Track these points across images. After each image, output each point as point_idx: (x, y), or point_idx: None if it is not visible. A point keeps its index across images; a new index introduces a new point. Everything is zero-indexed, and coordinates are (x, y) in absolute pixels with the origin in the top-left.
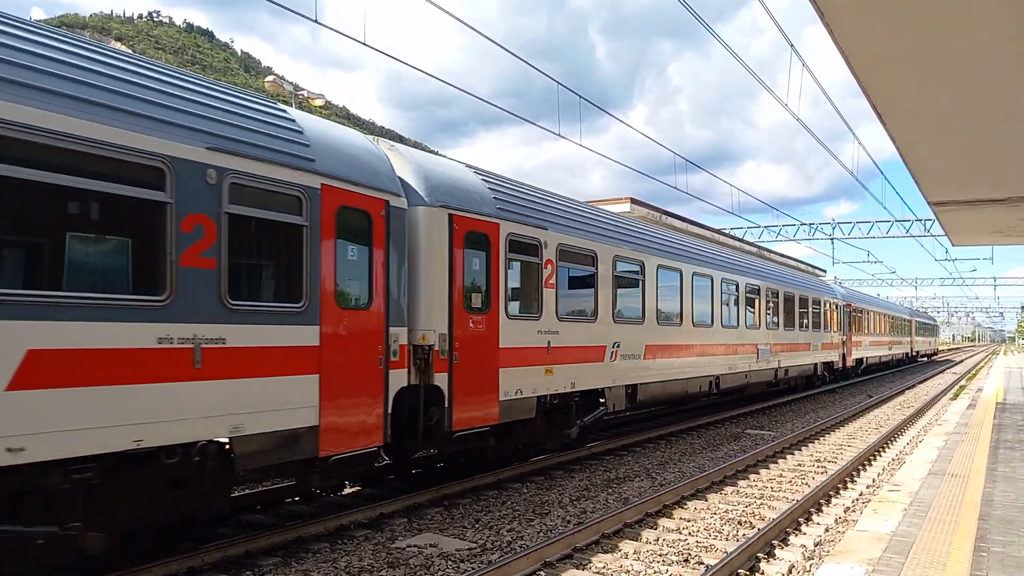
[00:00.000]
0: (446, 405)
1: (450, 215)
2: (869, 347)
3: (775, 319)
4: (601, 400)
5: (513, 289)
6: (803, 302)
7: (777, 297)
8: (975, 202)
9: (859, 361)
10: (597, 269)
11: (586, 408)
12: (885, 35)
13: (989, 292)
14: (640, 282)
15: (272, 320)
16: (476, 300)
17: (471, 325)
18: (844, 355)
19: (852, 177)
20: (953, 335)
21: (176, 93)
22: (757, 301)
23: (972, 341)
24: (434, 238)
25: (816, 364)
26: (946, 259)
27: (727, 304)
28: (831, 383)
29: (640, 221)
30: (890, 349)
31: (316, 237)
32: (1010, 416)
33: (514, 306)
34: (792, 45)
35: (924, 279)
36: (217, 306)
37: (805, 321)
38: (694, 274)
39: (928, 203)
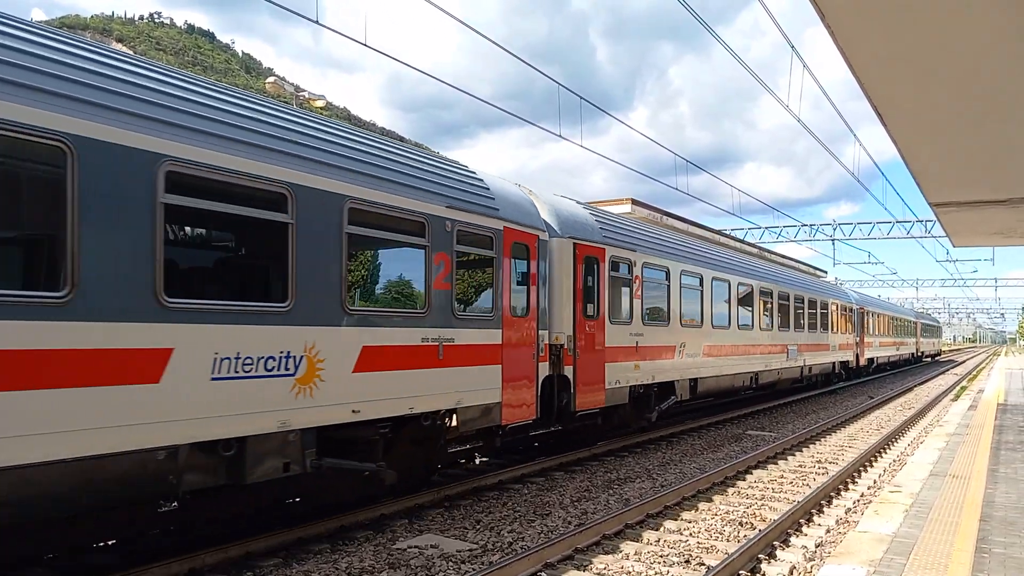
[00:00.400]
0: (572, 391)
1: (574, 244)
2: (879, 347)
3: (801, 322)
4: (672, 391)
5: (613, 299)
6: (824, 306)
7: (803, 303)
8: (976, 203)
9: (871, 360)
10: (669, 282)
11: (661, 397)
12: (886, 36)
13: (990, 293)
14: (700, 292)
15: (478, 325)
16: (590, 309)
17: (587, 329)
18: (858, 355)
19: (853, 178)
20: (954, 336)
21: (428, 170)
22: (787, 307)
23: (973, 342)
24: (564, 262)
25: (835, 363)
26: (947, 260)
27: (764, 310)
28: (847, 380)
29: (698, 240)
30: (897, 350)
31: (499, 264)
32: (1011, 417)
33: (615, 313)
34: (793, 47)
35: (925, 280)
36: (450, 316)
37: (825, 324)
38: (739, 284)
39: (929, 204)
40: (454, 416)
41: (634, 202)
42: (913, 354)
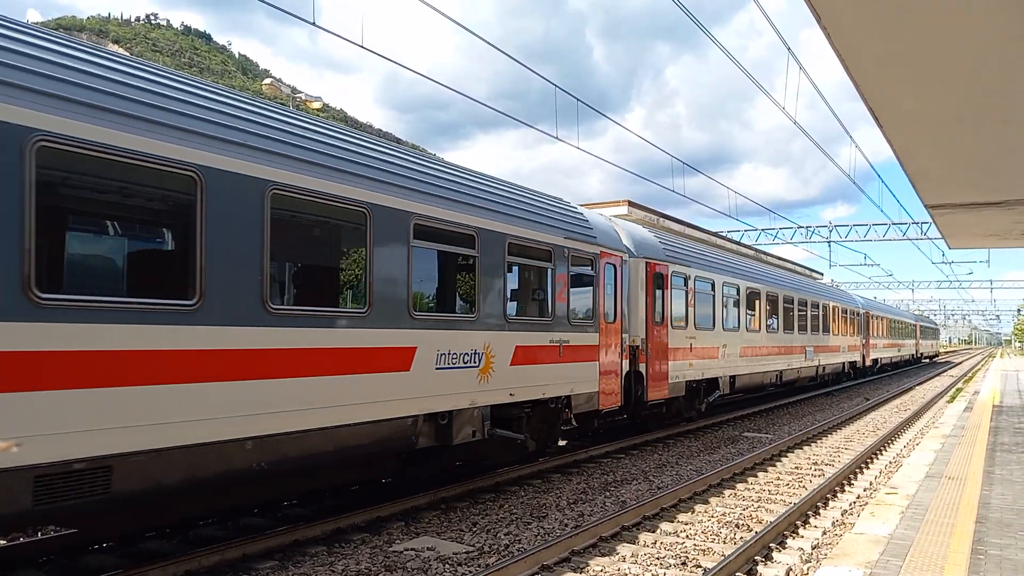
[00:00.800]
0: (644, 384)
1: (646, 262)
2: (883, 349)
3: (816, 326)
4: (716, 386)
5: (674, 308)
6: (835, 311)
7: (817, 308)
8: (972, 205)
9: (875, 361)
10: (714, 292)
11: (707, 391)
12: (883, 39)
13: (985, 295)
14: (736, 301)
15: (583, 329)
16: (658, 316)
17: (656, 333)
18: (864, 356)
19: (849, 180)
20: (950, 338)
21: (551, 210)
22: (805, 312)
23: (969, 344)
24: (639, 277)
25: (844, 363)
26: (943, 262)
27: (787, 315)
28: (854, 379)
29: (737, 256)
30: (899, 351)
31: (597, 281)
32: (1007, 419)
33: (675, 319)
34: (789, 48)
35: (921, 282)
36: (566, 322)
37: (836, 327)
38: (767, 293)
39: (925, 206)
40: (570, 400)
41: (631, 204)
42: (913, 355)
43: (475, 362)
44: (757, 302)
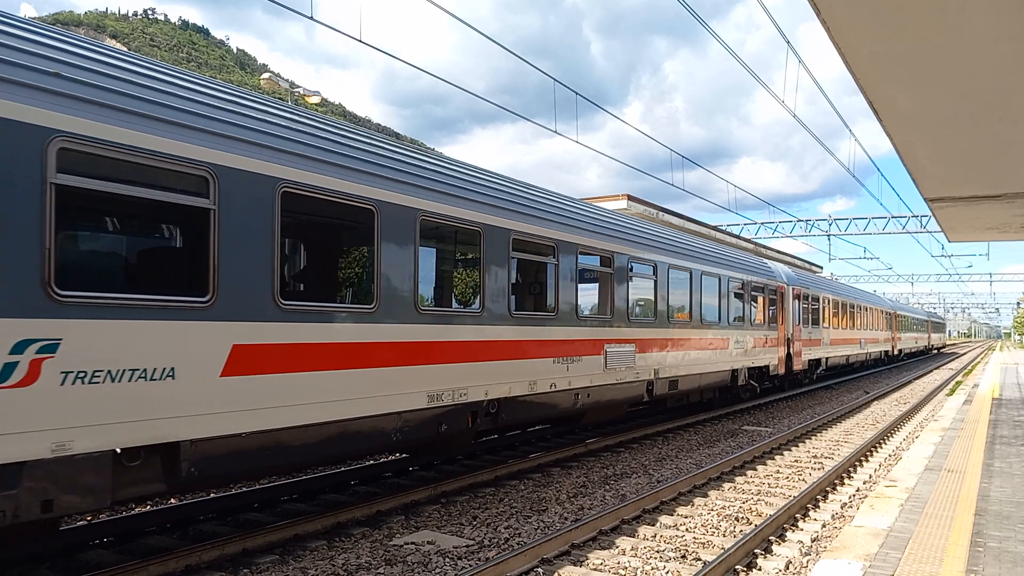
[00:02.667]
0: (791, 361)
1: (792, 288)
2: (906, 340)
3: (865, 324)
4: (819, 364)
5: (804, 316)
6: (874, 312)
7: (866, 311)
8: (971, 198)
9: (900, 351)
10: (819, 304)
11: (814, 368)
12: (882, 33)
13: (985, 288)
14: (830, 307)
15: (772, 329)
16: (798, 320)
17: (797, 331)
18: (893, 346)
19: (848, 174)
20: (949, 331)
21: (753, 262)
22: (858, 313)
23: (968, 337)
24: (788, 298)
25: (881, 351)
26: (942, 255)
27: (851, 318)
28: (887, 364)
29: (833, 280)
30: (916, 342)
31: (775, 302)
32: (1006, 412)
33: (804, 323)
34: (788, 42)
35: (920, 275)
36: (763, 325)
37: (876, 324)
38: (841, 301)
39: (924, 199)
40: (768, 367)
41: (630, 198)
42: (926, 346)
43: (747, 345)
44: (837, 309)
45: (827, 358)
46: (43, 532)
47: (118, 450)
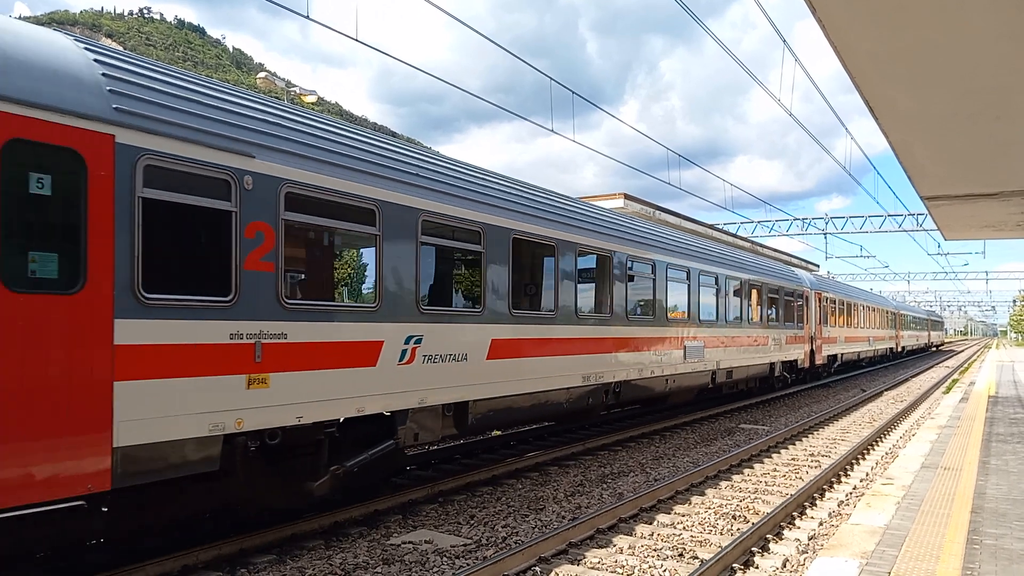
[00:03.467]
0: (814, 356)
1: (815, 292)
2: (907, 339)
3: (873, 323)
4: (836, 360)
5: (825, 316)
6: (880, 312)
7: (870, 310)
8: (967, 197)
9: (903, 348)
10: (835, 306)
11: (832, 363)
12: (879, 32)
13: (981, 286)
14: (843, 311)
15: (797, 328)
16: (819, 321)
17: (820, 330)
18: (896, 343)
19: (844, 172)
20: (946, 329)
21: (785, 272)
22: (866, 314)
23: (965, 335)
24: (812, 301)
25: (887, 348)
26: (938, 253)
27: (863, 318)
28: (891, 360)
29: (851, 284)
30: (916, 340)
31: (803, 306)
32: (1002, 409)
33: (825, 323)
34: (784, 40)
35: (917, 273)
36: (793, 326)
37: (882, 324)
38: (858, 303)
39: (921, 198)
40: (796, 361)
41: (627, 197)
42: (926, 343)
43: (781, 342)
44: (850, 310)
45: (842, 354)
46: (393, 466)
47: (444, 405)
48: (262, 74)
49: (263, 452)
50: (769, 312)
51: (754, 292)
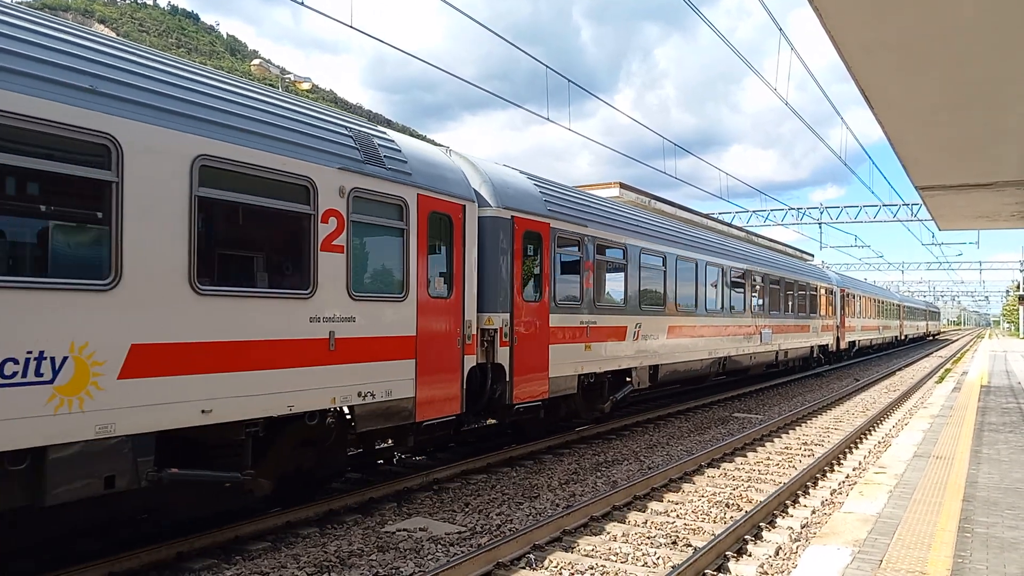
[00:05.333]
0: (838, 341)
1: (838, 288)
2: (908, 328)
3: (881, 314)
4: (855, 345)
5: (844, 308)
6: (882, 303)
7: (878, 303)
8: (962, 187)
9: (906, 336)
10: (860, 303)
11: (851, 347)
12: (874, 21)
13: (975, 276)
14: (875, 307)
15: (822, 319)
16: (835, 311)
17: (842, 319)
18: (900, 332)
19: (839, 161)
20: (940, 319)
21: (812, 271)
22: (885, 308)
23: (958, 325)
24: (837, 296)
25: (894, 336)
26: (933, 243)
27: (884, 310)
28: (894, 347)
29: (884, 287)
30: (916, 329)
31: (833, 300)
32: (995, 399)
33: (843, 314)
34: (781, 29)
35: (911, 263)
36: (828, 315)
37: (886, 314)
38: (898, 301)
39: (915, 187)
40: (828, 345)
41: (622, 186)
42: (924, 332)
43: (818, 330)
44: (865, 303)
45: (858, 340)
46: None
47: (649, 365)
48: (256, 61)
49: (591, 387)
50: (811, 306)
51: (801, 290)
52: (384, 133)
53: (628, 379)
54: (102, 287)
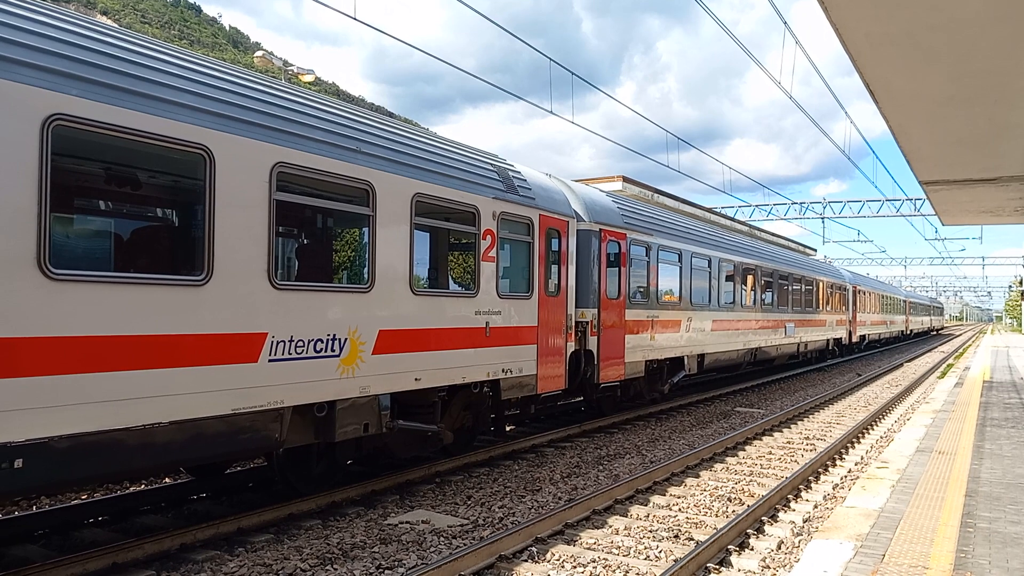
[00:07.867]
0: (851, 335)
1: (851, 285)
2: (915, 323)
3: (888, 310)
4: (865, 338)
5: (866, 305)
6: (889, 299)
7: (887, 300)
8: (966, 182)
9: (912, 330)
10: (891, 304)
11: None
12: (879, 13)
13: (978, 271)
14: (900, 304)
15: (838, 314)
16: (854, 308)
17: (856, 316)
18: (907, 326)
19: (842, 155)
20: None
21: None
22: (887, 303)
23: (960, 320)
24: (850, 293)
25: (900, 331)
26: (936, 238)
27: (902, 308)
28: (902, 340)
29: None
30: (922, 324)
31: (846, 297)
32: (997, 394)
33: (856, 310)
34: (785, 22)
35: (914, 258)
36: (911, 312)
37: (896, 310)
38: (924, 302)
39: (919, 182)
40: (842, 338)
41: (625, 179)
42: (929, 327)
43: (833, 324)
44: (875, 299)
45: (868, 335)
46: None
47: (697, 354)
48: (259, 53)
49: (653, 371)
50: (827, 302)
51: (820, 288)
52: (512, 165)
53: (681, 367)
54: (364, 290)
